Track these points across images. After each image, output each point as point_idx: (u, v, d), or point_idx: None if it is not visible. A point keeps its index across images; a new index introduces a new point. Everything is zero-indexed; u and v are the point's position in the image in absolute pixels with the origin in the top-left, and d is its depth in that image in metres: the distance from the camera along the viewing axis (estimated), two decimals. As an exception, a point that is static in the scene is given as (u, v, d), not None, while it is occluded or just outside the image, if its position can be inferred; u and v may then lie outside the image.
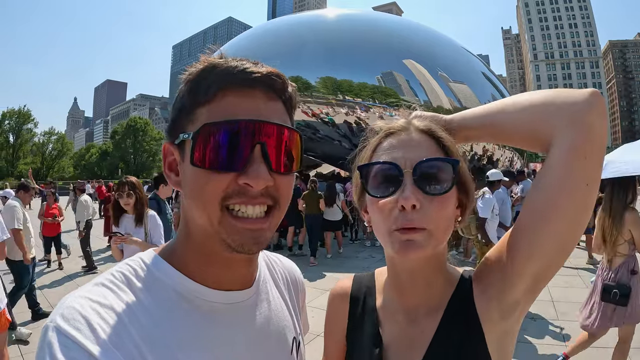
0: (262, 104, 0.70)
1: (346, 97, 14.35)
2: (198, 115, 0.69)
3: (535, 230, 0.78)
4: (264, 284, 0.88)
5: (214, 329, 0.73)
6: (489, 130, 0.87)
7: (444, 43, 17.54)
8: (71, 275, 8.79)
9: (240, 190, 0.67)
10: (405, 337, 0.91)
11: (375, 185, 0.82)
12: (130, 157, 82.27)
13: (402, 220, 0.77)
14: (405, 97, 14.46)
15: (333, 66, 14.58)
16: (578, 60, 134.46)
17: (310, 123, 14.57)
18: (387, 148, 0.84)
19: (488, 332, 0.83)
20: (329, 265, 9.33)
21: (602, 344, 4.80)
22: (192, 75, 0.71)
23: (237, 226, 0.68)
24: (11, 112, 68.40)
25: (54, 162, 77.10)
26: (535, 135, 0.79)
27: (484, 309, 0.85)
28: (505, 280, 0.82)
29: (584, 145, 0.73)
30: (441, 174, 0.79)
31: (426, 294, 0.90)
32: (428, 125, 0.86)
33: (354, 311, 1.01)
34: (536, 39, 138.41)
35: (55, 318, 0.60)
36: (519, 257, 0.80)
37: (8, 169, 66.70)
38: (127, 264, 0.74)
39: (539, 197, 0.79)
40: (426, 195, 0.78)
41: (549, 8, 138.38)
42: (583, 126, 0.73)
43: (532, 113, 0.79)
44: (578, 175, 0.74)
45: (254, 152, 0.67)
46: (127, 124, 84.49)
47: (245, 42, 18.07)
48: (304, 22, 17.99)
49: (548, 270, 0.81)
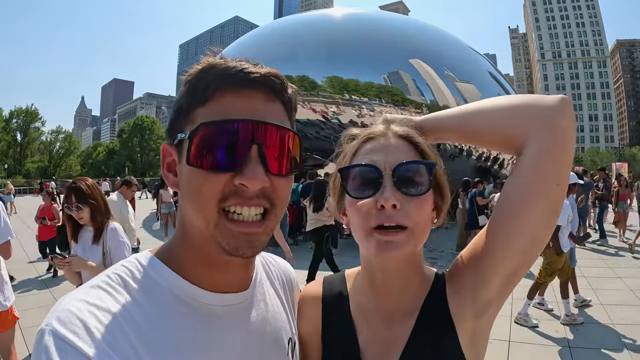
0: (260, 104, 0.70)
1: (352, 96, 14.33)
2: (196, 115, 0.69)
3: (509, 229, 0.81)
4: (260, 285, 0.88)
5: (211, 332, 0.73)
6: (462, 133, 0.91)
7: (450, 42, 17.50)
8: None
9: (236, 190, 0.67)
10: (381, 339, 0.91)
11: (356, 186, 0.85)
12: (137, 155, 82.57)
13: (381, 217, 0.80)
14: (412, 97, 14.43)
15: (339, 66, 14.57)
16: (585, 60, 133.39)
17: (315, 122, 14.57)
18: (367, 152, 0.87)
19: (461, 331, 0.86)
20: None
21: (603, 345, 4.82)
22: (190, 76, 0.72)
23: (232, 229, 0.67)
24: (19, 110, 68.95)
25: (61, 160, 77.56)
26: (509, 138, 0.83)
27: (457, 308, 0.87)
28: (479, 279, 0.85)
29: (556, 148, 0.77)
30: (419, 176, 0.83)
31: (403, 295, 0.92)
32: (406, 131, 0.89)
33: (327, 314, 1.00)
34: (543, 38, 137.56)
35: (51, 321, 0.59)
36: (493, 256, 0.83)
37: (16, 167, 67.23)
38: (123, 266, 0.73)
39: (512, 197, 0.82)
40: (405, 196, 0.80)
41: (557, 7, 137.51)
42: (556, 131, 0.77)
43: (507, 117, 0.83)
44: (550, 176, 0.78)
45: (251, 153, 0.67)
46: (134, 123, 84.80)
47: (252, 41, 18.11)
48: (311, 21, 18.01)
49: (520, 268, 0.84)
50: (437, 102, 14.54)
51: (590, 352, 4.70)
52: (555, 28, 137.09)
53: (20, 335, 3.82)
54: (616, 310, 6.00)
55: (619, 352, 4.65)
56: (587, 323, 5.57)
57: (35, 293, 7.26)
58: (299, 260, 9.20)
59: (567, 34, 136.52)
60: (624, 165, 31.47)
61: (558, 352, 4.72)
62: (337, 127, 14.51)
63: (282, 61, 15.13)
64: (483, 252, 0.85)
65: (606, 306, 6.21)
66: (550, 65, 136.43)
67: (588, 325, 5.48)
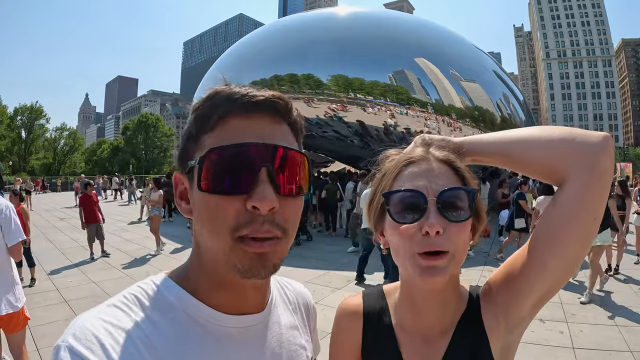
0: (267, 126, 0.71)
1: (357, 95, 14.32)
2: (204, 141, 0.70)
3: (547, 254, 0.85)
4: (275, 307, 0.89)
5: (227, 354, 0.74)
6: (502, 159, 0.93)
7: (455, 41, 17.41)
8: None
9: (250, 218, 0.67)
10: (420, 355, 0.95)
11: (399, 210, 0.87)
12: (142, 152, 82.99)
13: (427, 244, 0.82)
14: (417, 96, 14.39)
15: (344, 64, 14.51)
16: (590, 59, 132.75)
17: (320, 121, 14.57)
18: (410, 176, 0.89)
19: (494, 345, 0.90)
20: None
21: (607, 346, 4.82)
22: (197, 104, 0.73)
23: (247, 251, 0.67)
24: (23, 108, 69.26)
25: (65, 157, 77.94)
26: (550, 171, 0.87)
27: (492, 324, 0.92)
28: (513, 298, 0.90)
29: (596, 185, 0.81)
30: (461, 202, 0.86)
31: (441, 314, 0.95)
32: (447, 156, 0.91)
33: (369, 329, 1.03)
34: (548, 37, 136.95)
35: (67, 338, 0.61)
36: (529, 278, 0.87)
37: (20, 164, 67.48)
38: (138, 287, 0.75)
39: (551, 225, 0.86)
40: (448, 222, 0.83)
41: (561, 6, 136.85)
42: (597, 169, 0.81)
43: (551, 150, 0.86)
44: (588, 210, 0.82)
45: (260, 175, 0.67)
46: (139, 120, 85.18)
47: (257, 39, 18.09)
48: (315, 19, 17.96)
49: (554, 288, 0.88)
50: (442, 101, 14.51)
51: (594, 353, 4.70)
52: (560, 27, 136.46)
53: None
54: (620, 312, 6.03)
55: (623, 353, 4.65)
56: (591, 324, 5.59)
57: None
58: (300, 260, 9.34)
59: (572, 32, 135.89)
60: (628, 165, 31.32)
61: (562, 353, 4.73)
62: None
63: (287, 60, 15.15)
64: (518, 274, 0.89)
65: (610, 308, 6.23)
66: (555, 64, 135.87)
67: (592, 327, 5.49)
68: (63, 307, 6.37)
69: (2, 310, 3.44)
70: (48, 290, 7.19)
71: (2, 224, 3.54)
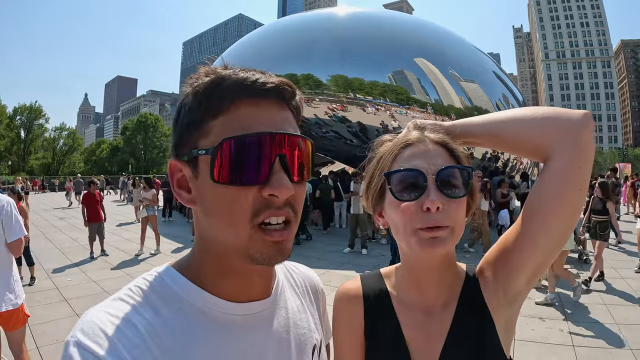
0: (276, 114, 0.71)
1: (357, 95, 14.31)
2: (211, 128, 0.69)
3: (538, 230, 0.90)
4: (282, 292, 0.89)
5: (233, 341, 0.74)
6: (491, 139, 0.98)
7: (454, 41, 17.39)
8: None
9: (267, 203, 0.68)
10: (424, 330, 0.98)
11: (400, 189, 0.91)
12: (141, 152, 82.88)
13: (428, 220, 0.87)
14: (416, 96, 14.39)
15: (344, 64, 14.50)
16: (590, 60, 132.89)
17: (320, 121, 14.57)
18: (408, 157, 0.94)
19: (497, 319, 0.96)
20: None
21: (607, 344, 4.83)
22: (200, 88, 0.70)
23: (266, 240, 0.68)
24: (23, 107, 69.27)
25: (64, 157, 77.92)
26: (537, 148, 0.92)
27: (492, 298, 0.97)
28: (509, 272, 0.95)
29: (580, 158, 0.87)
30: (458, 180, 0.91)
31: (440, 289, 1.00)
32: (442, 138, 0.97)
33: (370, 312, 1.05)
34: (547, 38, 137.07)
35: (75, 333, 0.62)
36: (523, 253, 0.92)
37: (19, 164, 67.42)
38: (144, 279, 0.75)
39: (539, 200, 0.91)
40: (447, 198, 0.88)
41: (561, 6, 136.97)
42: (580, 143, 0.87)
43: (537, 128, 0.91)
44: (574, 183, 0.87)
45: (275, 164, 0.68)
46: (138, 120, 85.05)
47: (256, 39, 18.05)
48: (315, 20, 17.92)
49: (546, 263, 0.94)
50: (441, 101, 14.50)
51: (594, 351, 4.72)
52: (560, 28, 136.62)
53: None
54: (620, 310, 6.05)
55: (622, 352, 4.67)
56: (591, 323, 5.60)
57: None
58: (301, 259, 9.25)
59: (571, 33, 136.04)
60: (627, 166, 31.32)
61: (562, 351, 4.74)
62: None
63: (287, 60, 15.13)
64: (512, 249, 0.94)
65: (610, 306, 6.25)
66: (554, 65, 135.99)
67: (592, 325, 5.50)
68: (63, 306, 6.38)
69: (2, 307, 3.44)
70: (48, 289, 7.20)
71: (3, 219, 3.54)
